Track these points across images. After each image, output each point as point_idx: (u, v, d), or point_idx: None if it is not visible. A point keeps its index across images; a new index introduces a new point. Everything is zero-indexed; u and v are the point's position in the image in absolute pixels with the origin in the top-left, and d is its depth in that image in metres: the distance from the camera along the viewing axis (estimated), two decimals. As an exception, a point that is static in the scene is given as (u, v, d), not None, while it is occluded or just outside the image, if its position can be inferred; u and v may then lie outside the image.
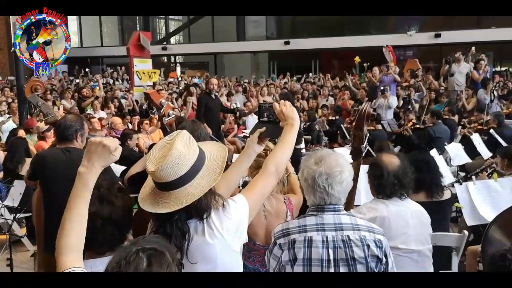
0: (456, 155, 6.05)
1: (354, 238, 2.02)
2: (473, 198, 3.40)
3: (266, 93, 11.81)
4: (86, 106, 9.97)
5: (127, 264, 1.34)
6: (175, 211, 1.70)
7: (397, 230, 2.59)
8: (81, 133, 3.50)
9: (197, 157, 1.75)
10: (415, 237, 2.67)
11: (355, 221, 2.09)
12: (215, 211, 1.78)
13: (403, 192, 2.71)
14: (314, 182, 2.02)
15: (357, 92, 11.30)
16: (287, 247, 2.02)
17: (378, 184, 2.70)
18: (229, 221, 1.79)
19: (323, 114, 9.94)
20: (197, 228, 1.77)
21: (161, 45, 24.60)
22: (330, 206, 2.07)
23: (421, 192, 3.60)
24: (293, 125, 2.11)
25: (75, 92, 11.94)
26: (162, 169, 1.68)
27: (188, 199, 1.69)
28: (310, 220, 2.07)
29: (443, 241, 3.34)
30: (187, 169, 1.70)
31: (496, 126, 7.08)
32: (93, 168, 1.60)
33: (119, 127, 7.49)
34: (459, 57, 10.93)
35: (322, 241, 2.01)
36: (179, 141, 1.72)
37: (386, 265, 2.08)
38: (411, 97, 10.62)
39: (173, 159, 1.68)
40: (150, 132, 7.90)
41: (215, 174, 1.77)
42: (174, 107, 10.15)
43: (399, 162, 2.75)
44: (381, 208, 2.66)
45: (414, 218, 2.70)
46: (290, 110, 2.12)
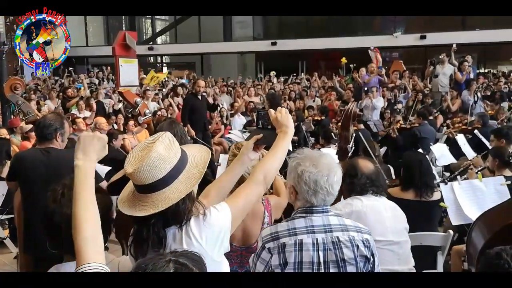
0: (441, 155, 6.09)
1: (344, 239, 2.03)
2: (458, 198, 3.43)
3: (253, 94, 11.82)
4: (70, 107, 9.85)
5: (153, 268, 1.32)
6: (152, 215, 1.65)
7: (374, 222, 2.66)
8: (61, 133, 3.43)
9: (177, 160, 1.70)
10: (392, 228, 2.76)
11: (343, 221, 2.10)
12: (195, 218, 1.72)
13: (376, 189, 2.81)
14: (316, 185, 2.01)
15: (344, 93, 11.35)
16: (277, 251, 2.01)
17: (349, 182, 2.79)
18: (209, 230, 1.72)
19: (310, 115, 9.96)
20: (175, 236, 1.71)
21: (148, 45, 24.46)
22: (319, 207, 2.07)
23: (410, 190, 3.64)
24: (286, 133, 2.05)
25: (60, 92, 11.81)
26: (139, 171, 1.64)
27: (164, 204, 1.64)
28: (299, 222, 2.06)
29: (428, 240, 3.36)
30: (166, 172, 1.66)
31: (480, 126, 7.16)
32: (90, 159, 1.61)
33: (103, 127, 7.40)
34: (443, 59, 11.05)
35: (312, 244, 2.00)
36: (159, 143, 1.68)
37: (373, 264, 2.09)
38: (397, 98, 10.69)
39: (151, 162, 1.63)
40: (136, 133, 7.82)
41: (194, 179, 1.72)
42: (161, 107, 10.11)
43: (374, 167, 2.87)
44: (356, 203, 2.75)
45: (388, 211, 2.79)
46: (285, 117, 2.06)
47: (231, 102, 11.63)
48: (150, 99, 10.48)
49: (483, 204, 3.40)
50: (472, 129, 7.11)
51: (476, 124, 7.42)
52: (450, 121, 8.68)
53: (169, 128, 3.51)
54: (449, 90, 10.56)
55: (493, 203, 3.39)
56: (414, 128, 7.54)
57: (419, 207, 3.54)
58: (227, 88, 13.91)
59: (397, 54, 21.15)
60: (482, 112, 8.37)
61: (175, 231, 1.71)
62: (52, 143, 3.40)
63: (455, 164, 6.29)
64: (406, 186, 3.67)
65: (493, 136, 5.33)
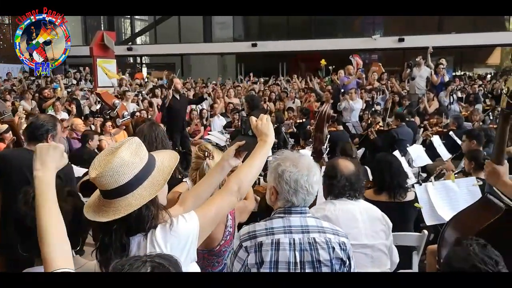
0: (417, 156, 6.18)
1: (320, 241, 2.05)
2: (432, 198, 3.49)
3: (233, 95, 11.81)
4: (47, 108, 9.69)
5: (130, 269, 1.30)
6: (114, 221, 1.63)
7: (346, 225, 2.65)
8: (52, 134, 3.37)
9: (143, 166, 1.68)
10: (366, 231, 2.76)
11: (321, 223, 2.13)
12: (161, 227, 1.69)
13: (352, 194, 2.80)
14: (297, 184, 2.04)
15: (322, 94, 11.42)
16: (253, 250, 2.02)
17: (329, 183, 2.79)
18: (175, 239, 1.68)
19: (290, 116, 10.00)
20: (140, 245, 1.68)
21: (126, 45, 24.22)
22: (297, 208, 2.09)
23: (382, 192, 3.68)
24: (266, 141, 2.02)
25: (36, 92, 11.61)
26: (102, 176, 1.62)
27: (126, 210, 1.62)
28: (277, 222, 2.08)
29: (403, 240, 3.41)
30: (129, 178, 1.64)
31: (455, 128, 7.28)
32: (48, 169, 1.62)
33: (80, 128, 7.31)
34: (419, 61, 11.23)
35: (289, 244, 2.02)
36: (125, 148, 1.66)
37: (349, 267, 2.13)
38: (374, 100, 10.81)
39: (115, 167, 1.62)
40: (113, 134, 7.73)
41: (158, 186, 1.69)
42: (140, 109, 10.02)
43: (354, 168, 2.86)
44: (329, 207, 2.75)
45: (363, 213, 2.79)
46: (266, 125, 2.04)
47: (210, 104, 11.61)
48: (130, 100, 10.40)
49: (456, 205, 3.47)
50: (448, 131, 7.23)
51: (451, 126, 7.55)
52: (427, 123, 8.81)
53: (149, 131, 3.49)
54: (426, 92, 10.73)
55: (466, 203, 3.45)
56: (392, 130, 7.63)
57: (393, 208, 3.58)
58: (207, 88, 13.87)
59: (376, 56, 21.41)
60: (457, 114, 8.53)
61: (140, 239, 1.68)
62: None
63: (431, 165, 6.40)
64: (378, 188, 3.71)
65: (465, 136, 5.44)
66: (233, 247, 2.15)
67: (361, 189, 2.88)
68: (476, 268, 1.76)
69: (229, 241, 2.47)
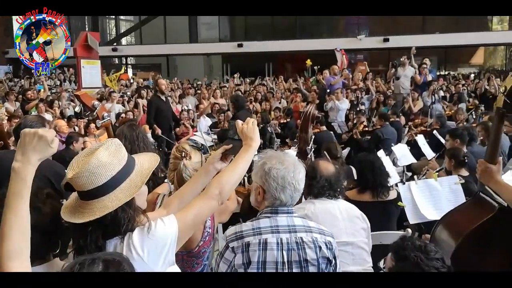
0: (402, 155, 6.21)
1: (307, 240, 2.06)
2: (415, 197, 3.51)
3: (219, 96, 11.78)
4: (30, 109, 9.58)
5: (81, 269, 1.27)
6: (89, 223, 1.61)
7: (325, 224, 2.65)
8: None
9: (121, 168, 1.65)
10: (346, 230, 2.78)
11: (307, 223, 2.14)
12: (139, 230, 1.66)
13: (332, 193, 2.83)
14: (284, 181, 2.05)
15: (308, 94, 11.46)
16: (240, 250, 2.02)
17: (309, 184, 2.77)
18: (152, 243, 1.65)
19: (276, 116, 10.00)
20: (116, 248, 1.65)
21: (111, 46, 24.04)
22: (284, 208, 2.10)
23: (366, 192, 3.70)
24: (250, 145, 1.99)
25: (19, 94, 11.46)
26: (78, 177, 1.60)
27: (101, 211, 1.60)
28: (264, 222, 2.08)
29: (387, 239, 3.42)
30: (106, 179, 1.61)
31: (438, 127, 7.35)
32: (29, 162, 1.47)
33: (64, 130, 7.24)
34: (404, 61, 11.33)
35: (277, 243, 2.03)
36: (104, 149, 1.64)
37: (335, 267, 2.14)
38: (359, 100, 10.87)
39: (91, 168, 1.59)
40: (98, 136, 7.66)
41: (135, 188, 1.66)
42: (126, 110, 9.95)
43: (334, 170, 2.89)
44: (308, 206, 2.78)
45: (343, 212, 2.81)
46: (251, 129, 2.02)
47: (196, 104, 11.57)
48: (115, 101, 10.32)
49: (439, 203, 3.50)
50: (431, 130, 7.30)
51: (434, 125, 7.63)
52: (412, 123, 8.89)
53: (129, 131, 3.48)
54: (411, 91, 10.82)
55: (448, 201, 3.51)
56: (376, 130, 7.68)
57: (377, 207, 3.61)
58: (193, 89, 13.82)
59: (362, 56, 21.56)
60: (440, 113, 8.61)
61: (117, 242, 1.66)
62: None
63: (416, 164, 6.45)
64: (361, 188, 3.73)
65: (448, 136, 5.49)
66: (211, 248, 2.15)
67: (341, 190, 2.91)
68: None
69: (208, 241, 2.46)
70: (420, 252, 1.86)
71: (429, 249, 1.89)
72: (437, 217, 3.49)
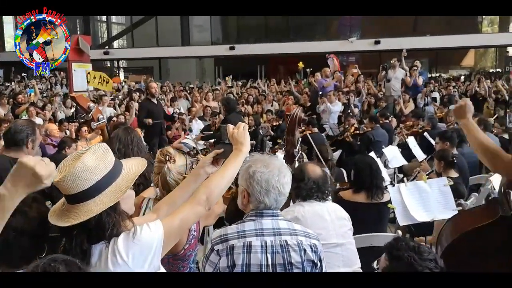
0: (393, 157, 6.25)
1: (292, 243, 2.06)
2: (405, 199, 3.53)
3: (211, 98, 11.78)
4: (20, 113, 9.52)
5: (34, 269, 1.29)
6: (75, 227, 1.61)
7: (316, 226, 2.68)
8: (32, 139, 3.30)
9: (107, 172, 1.66)
10: (335, 231, 2.80)
11: (292, 226, 2.14)
12: (124, 235, 1.66)
13: (320, 195, 2.85)
14: (268, 184, 2.05)
15: (300, 97, 11.49)
16: (225, 253, 2.02)
17: (296, 186, 2.79)
18: (137, 248, 1.64)
19: (268, 119, 10.00)
20: (102, 253, 1.65)
21: (103, 49, 23.96)
22: (269, 211, 2.10)
23: (361, 192, 3.72)
24: (241, 150, 1.99)
25: (10, 98, 11.39)
26: (63, 181, 1.60)
27: (86, 215, 1.60)
28: (249, 225, 2.08)
29: (378, 241, 3.44)
30: (92, 183, 1.62)
31: (430, 129, 7.40)
32: (17, 193, 1.43)
33: (55, 134, 7.20)
34: (394, 64, 11.40)
35: (261, 246, 2.03)
36: (91, 154, 1.65)
37: (320, 269, 2.15)
38: (351, 102, 10.91)
39: (76, 172, 1.60)
40: (89, 139, 7.63)
41: (120, 193, 1.66)
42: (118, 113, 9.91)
43: (321, 173, 2.91)
44: (298, 209, 2.79)
45: (331, 213, 2.84)
46: (241, 134, 2.02)
47: (188, 107, 11.56)
48: (105, 104, 10.28)
49: (428, 205, 3.53)
50: (422, 132, 7.34)
51: (426, 127, 7.67)
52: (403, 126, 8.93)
53: (125, 134, 3.48)
54: (402, 94, 10.89)
55: (438, 203, 3.53)
56: (367, 132, 7.71)
57: (371, 208, 3.63)
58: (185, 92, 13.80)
59: (354, 58, 21.67)
60: (431, 115, 8.66)
61: (102, 247, 1.66)
62: (21, 150, 3.25)
63: (407, 166, 6.49)
64: (357, 188, 3.75)
65: (437, 139, 5.52)
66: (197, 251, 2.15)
67: (329, 192, 2.94)
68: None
69: (193, 245, 2.46)
70: (414, 252, 1.88)
71: (422, 249, 1.91)
72: (426, 218, 3.53)
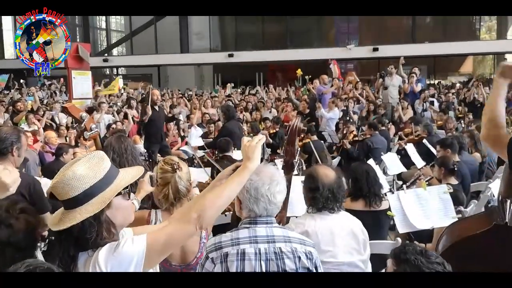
0: (392, 164, 6.25)
1: (286, 250, 2.04)
2: (404, 206, 3.52)
3: (210, 105, 11.81)
4: (18, 121, 9.51)
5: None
6: (63, 232, 1.62)
7: (325, 243, 2.62)
8: (17, 146, 3.23)
9: (97, 181, 1.65)
10: (344, 248, 2.69)
11: (287, 233, 2.12)
12: (107, 247, 1.64)
13: (335, 205, 2.74)
14: (257, 192, 2.02)
15: (299, 104, 11.51)
16: (219, 261, 2.00)
17: (312, 197, 2.71)
18: (116, 261, 1.61)
19: (266, 126, 9.97)
20: (86, 262, 1.65)
21: (102, 56, 24.03)
22: (263, 218, 2.08)
23: (359, 200, 3.71)
24: (246, 166, 1.85)
25: (9, 105, 11.39)
26: (55, 187, 1.64)
27: (70, 222, 1.61)
28: (243, 232, 2.06)
29: (378, 248, 3.43)
30: (80, 191, 1.62)
31: (426, 135, 7.40)
32: None
33: (53, 141, 7.20)
34: (391, 71, 11.43)
35: (255, 254, 2.01)
36: (84, 162, 1.66)
37: None
38: (349, 109, 10.92)
39: (66, 180, 1.62)
40: (89, 147, 7.63)
41: (102, 204, 1.64)
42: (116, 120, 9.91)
43: (334, 175, 2.79)
44: (309, 222, 2.68)
45: (344, 228, 2.73)
46: (252, 148, 1.89)
47: (187, 114, 11.57)
48: (103, 111, 10.28)
49: (428, 212, 3.52)
50: (420, 139, 7.35)
51: (422, 134, 7.67)
52: (402, 133, 8.94)
53: (118, 142, 3.46)
54: (400, 100, 10.91)
55: (438, 211, 3.52)
56: (366, 139, 7.71)
57: (369, 216, 3.61)
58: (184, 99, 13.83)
59: (352, 65, 21.74)
60: (426, 121, 8.65)
61: (87, 256, 1.66)
62: (7, 158, 3.20)
63: (406, 173, 6.49)
64: (355, 196, 3.75)
65: (439, 147, 5.52)
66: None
67: (343, 197, 2.81)
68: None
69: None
70: (421, 256, 1.89)
71: (430, 253, 1.92)
72: (426, 226, 3.52)
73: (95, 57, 20.87)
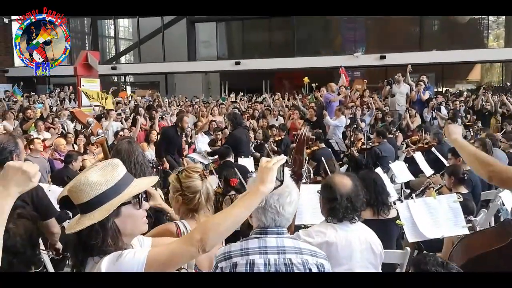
0: (400, 172, 6.22)
1: (296, 262, 2.01)
2: (414, 215, 3.50)
3: (217, 113, 11.83)
4: (28, 128, 9.58)
5: None
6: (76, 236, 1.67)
7: (344, 256, 2.58)
8: (17, 153, 3.24)
9: (107, 188, 1.67)
10: (361, 262, 2.65)
11: (298, 244, 2.09)
12: (111, 256, 1.65)
13: (355, 216, 2.68)
14: (265, 203, 1.99)
15: (306, 111, 11.50)
16: (228, 271, 1.99)
17: (331, 207, 2.66)
18: (116, 271, 1.62)
19: (272, 134, 9.94)
20: (93, 268, 1.66)
21: (111, 64, 24.20)
22: (274, 228, 2.05)
23: (367, 209, 3.69)
24: (257, 189, 1.75)
25: (19, 112, 11.48)
26: (69, 190, 1.70)
27: (79, 227, 1.64)
28: (252, 243, 2.05)
29: (387, 258, 3.41)
30: (91, 197, 1.65)
31: (436, 144, 7.36)
32: (9, 195, 1.49)
33: (62, 149, 7.25)
34: (398, 79, 11.39)
35: (264, 264, 1.98)
36: (97, 169, 1.69)
37: None
38: (357, 117, 10.89)
39: (78, 185, 1.67)
40: (97, 153, 7.66)
41: (108, 211, 1.65)
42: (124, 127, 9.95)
43: (352, 184, 2.73)
44: (330, 232, 2.61)
45: (363, 243, 2.67)
46: (266, 170, 1.77)
47: (194, 122, 11.59)
48: (112, 119, 10.31)
49: (438, 221, 3.49)
50: (429, 147, 7.31)
51: (432, 142, 7.63)
52: (409, 140, 8.89)
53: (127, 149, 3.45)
54: (408, 108, 10.87)
55: (447, 220, 3.50)
56: (375, 147, 7.68)
57: (377, 225, 3.58)
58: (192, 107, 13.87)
59: (359, 73, 21.72)
60: (436, 129, 8.61)
61: (93, 263, 1.68)
62: None
63: (414, 181, 6.45)
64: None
65: (450, 154, 5.49)
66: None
67: (362, 206, 2.75)
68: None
69: None
70: (442, 267, 1.85)
71: (451, 266, 1.88)
72: (436, 235, 3.49)
73: (104, 65, 21.04)
